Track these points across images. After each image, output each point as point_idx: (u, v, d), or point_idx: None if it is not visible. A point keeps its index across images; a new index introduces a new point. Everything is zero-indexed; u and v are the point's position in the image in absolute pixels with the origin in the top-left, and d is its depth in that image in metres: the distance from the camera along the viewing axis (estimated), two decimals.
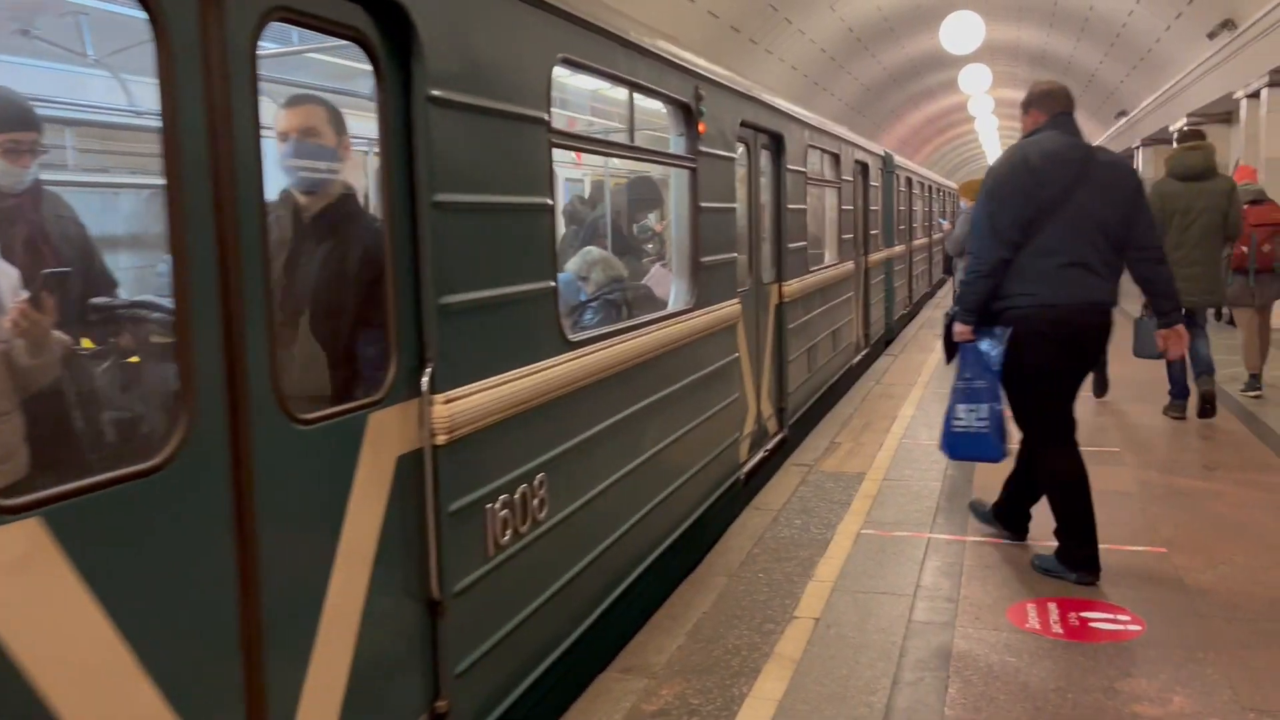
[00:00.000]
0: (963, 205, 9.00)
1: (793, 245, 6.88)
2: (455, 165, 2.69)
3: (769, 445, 6.50)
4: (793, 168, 6.79)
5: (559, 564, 3.37)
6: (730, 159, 5.30)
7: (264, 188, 2.06)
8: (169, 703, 1.85)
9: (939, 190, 22.86)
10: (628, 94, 4.12)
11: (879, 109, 26.57)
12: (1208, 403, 7.46)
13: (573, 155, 7.09)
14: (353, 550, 2.34)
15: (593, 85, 6.27)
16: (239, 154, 1.98)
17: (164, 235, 1.88)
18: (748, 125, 5.77)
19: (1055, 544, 4.56)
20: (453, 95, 2.67)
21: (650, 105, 4.68)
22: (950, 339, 4.57)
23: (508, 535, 2.96)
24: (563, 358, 3.34)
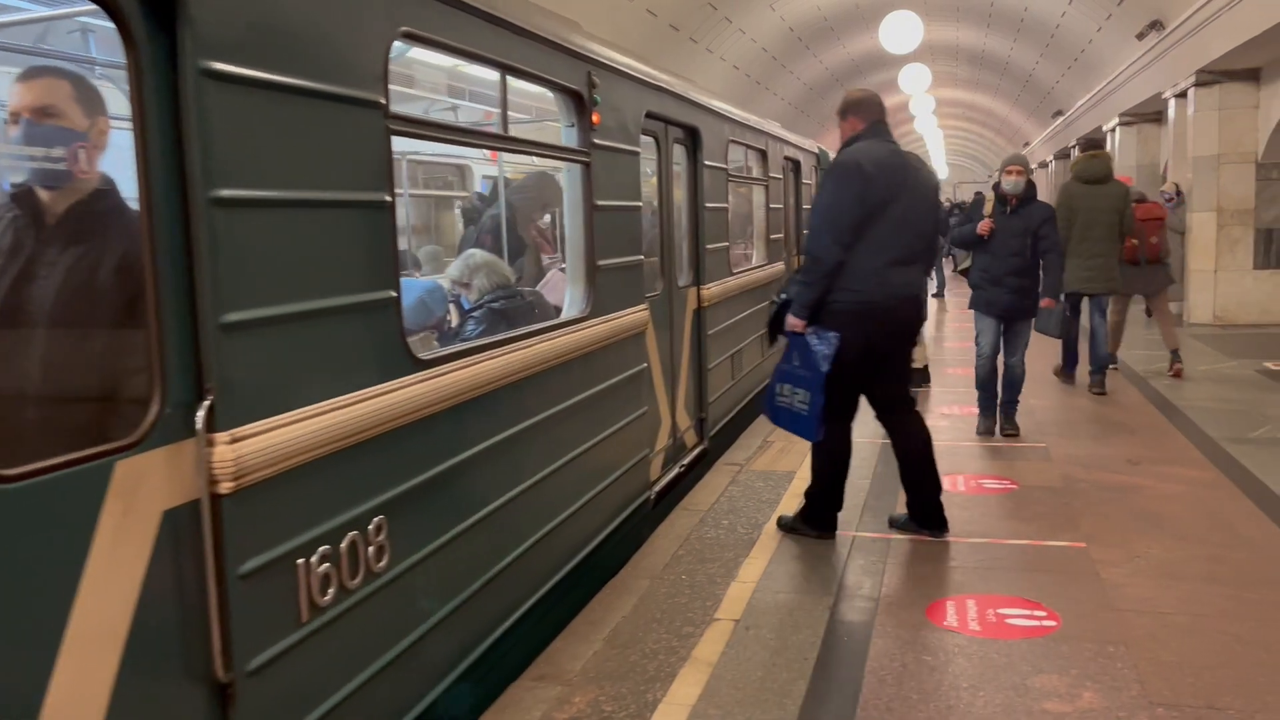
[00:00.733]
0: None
1: (712, 246, 6.66)
2: (244, 154, 2.27)
3: (686, 460, 6.20)
4: (711, 164, 6.57)
5: (406, 619, 2.96)
6: (633, 153, 5.00)
7: None
8: None
9: None
10: (499, 78, 3.67)
11: (822, 108, 26.74)
12: (1098, 389, 8.73)
13: (485, 151, 6.65)
14: (90, 633, 1.93)
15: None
16: None
17: None
18: (656, 117, 5.47)
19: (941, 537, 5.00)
20: (240, 69, 2.25)
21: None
22: (775, 324, 4.94)
23: (330, 593, 2.55)
24: (408, 380, 2.91)
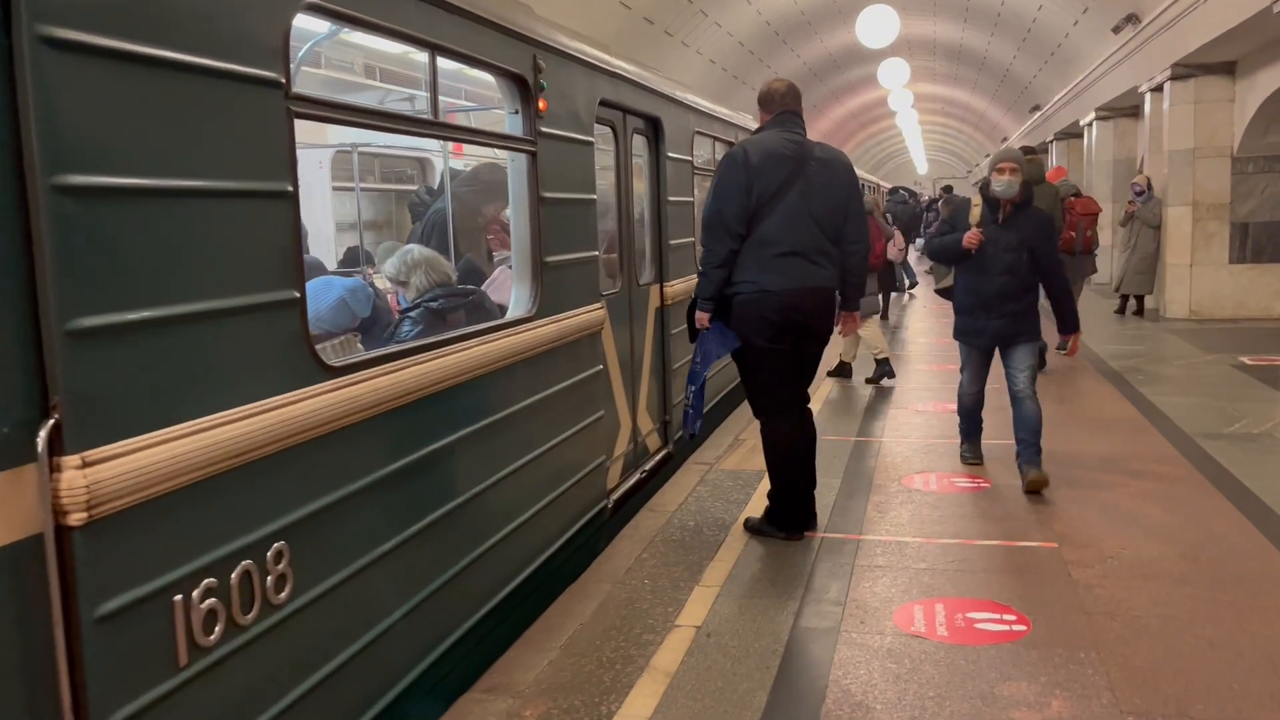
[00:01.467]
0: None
1: (676, 242, 6.47)
2: (101, 136, 2.03)
3: (648, 465, 5.99)
4: (675, 156, 6.38)
5: (322, 650, 2.74)
6: (586, 143, 4.78)
7: None
8: None
9: (862, 185, 23.01)
10: (428, 60, 3.38)
11: (803, 103, 26.67)
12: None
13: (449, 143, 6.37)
14: None
15: None
16: None
17: None
18: (612, 106, 5.28)
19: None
20: (93, 38, 2.00)
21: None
22: (693, 322, 4.93)
23: (216, 632, 2.31)
24: (314, 390, 2.66)
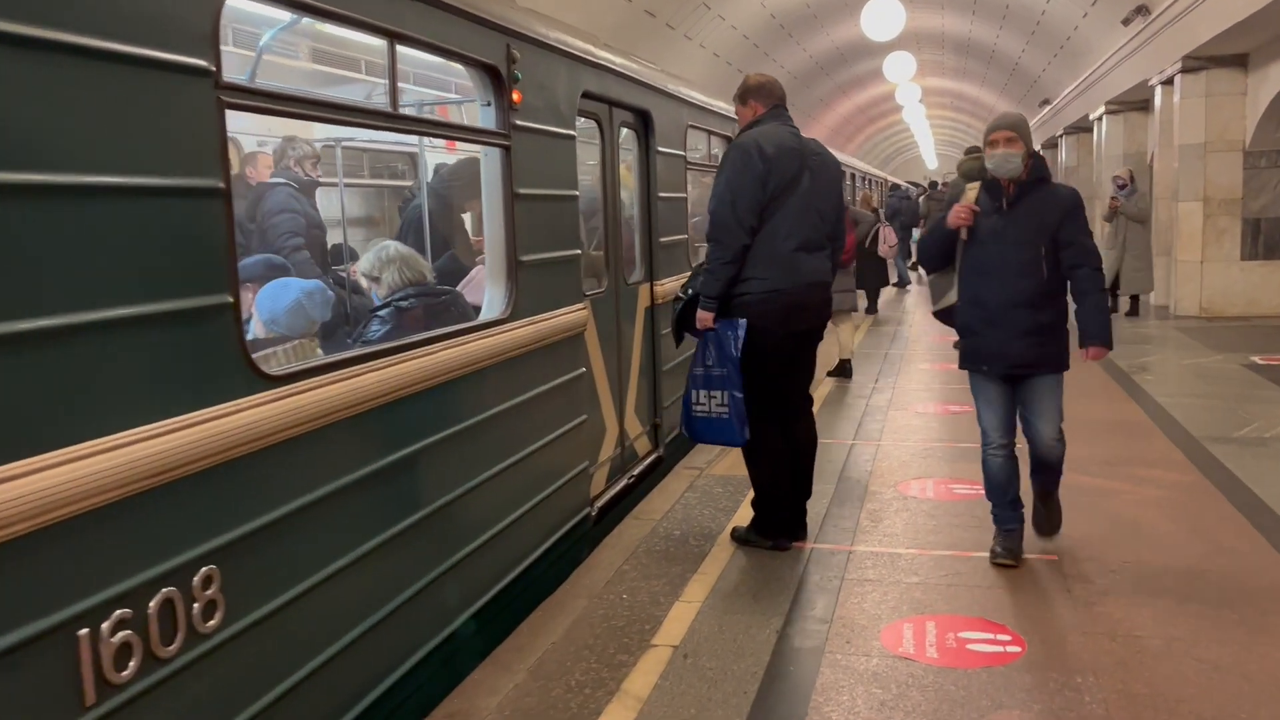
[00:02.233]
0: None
1: (668, 239, 6.26)
2: None
3: (637, 470, 5.77)
4: (666, 150, 6.17)
5: (251, 683, 2.55)
6: (567, 137, 4.61)
7: None
8: None
9: (865, 179, 22.72)
10: (387, 49, 3.19)
11: (808, 97, 26.39)
12: None
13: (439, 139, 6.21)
14: None
15: None
16: None
17: None
18: (595, 98, 5.09)
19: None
20: None
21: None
22: (682, 323, 4.75)
23: (132, 666, 2.14)
24: (248, 401, 2.47)
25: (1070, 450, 6.40)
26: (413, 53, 3.59)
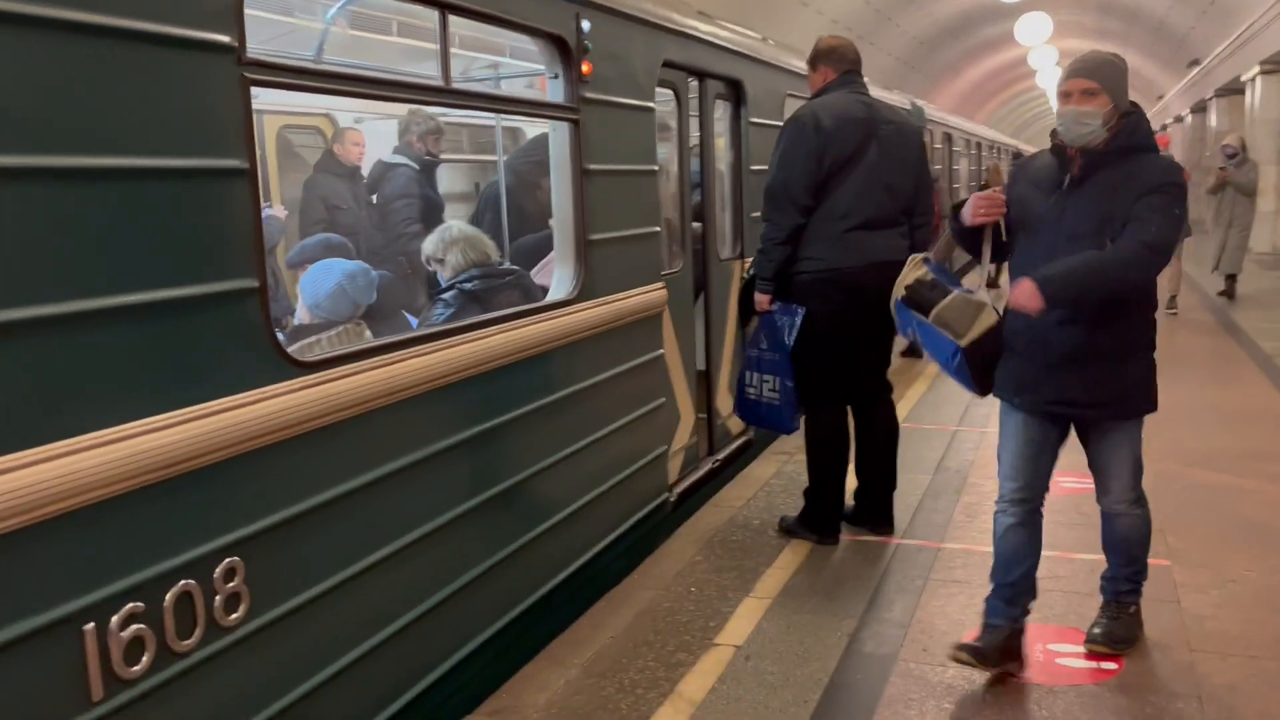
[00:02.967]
0: None
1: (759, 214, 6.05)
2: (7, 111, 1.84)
3: (722, 453, 5.56)
4: (759, 121, 5.89)
5: (282, 677, 2.50)
6: (645, 109, 4.41)
7: None
8: None
9: (994, 148, 21.68)
10: (438, 19, 3.03)
11: (933, 64, 25.36)
12: None
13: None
14: None
15: None
16: None
17: None
18: (679, 67, 4.87)
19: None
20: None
21: None
22: (745, 303, 4.58)
23: (144, 660, 2.10)
24: (275, 389, 2.40)
25: (1195, 442, 5.92)
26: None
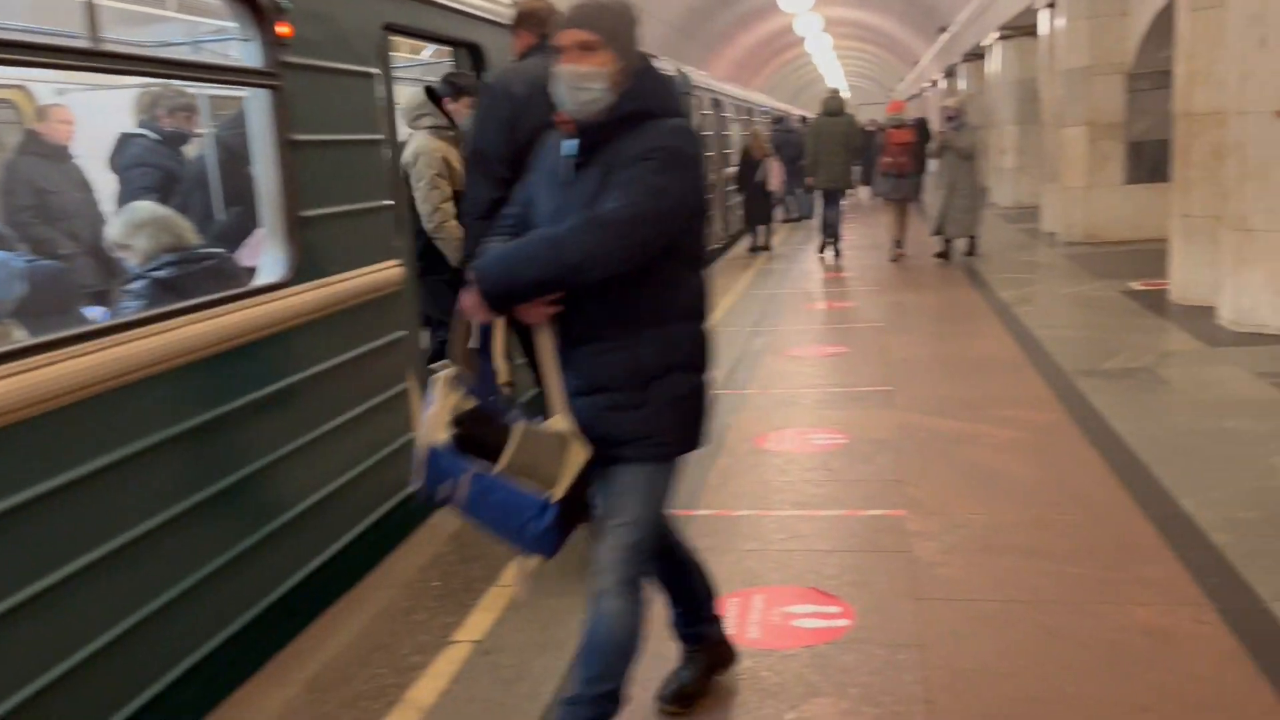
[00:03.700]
0: None
1: None
2: None
3: None
4: None
5: None
6: (365, 75, 4.10)
7: None
8: None
9: (767, 114, 22.25)
10: None
11: (707, 32, 25.76)
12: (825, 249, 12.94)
13: None
14: None
15: None
16: None
17: None
18: (404, 31, 4.57)
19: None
20: None
21: None
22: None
23: None
24: None
25: (931, 391, 6.23)
26: None
